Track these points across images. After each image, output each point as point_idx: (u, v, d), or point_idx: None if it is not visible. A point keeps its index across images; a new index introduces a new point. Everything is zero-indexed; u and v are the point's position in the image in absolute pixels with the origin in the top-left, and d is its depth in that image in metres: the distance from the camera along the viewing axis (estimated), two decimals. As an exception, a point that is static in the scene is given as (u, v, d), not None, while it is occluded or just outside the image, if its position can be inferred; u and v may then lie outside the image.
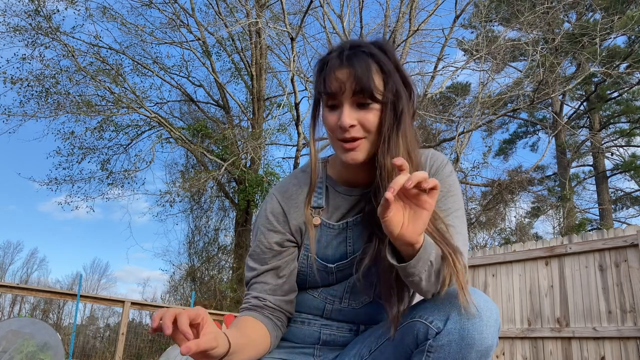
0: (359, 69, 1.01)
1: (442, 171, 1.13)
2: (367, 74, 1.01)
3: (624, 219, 16.71)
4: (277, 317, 1.13)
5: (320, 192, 1.15)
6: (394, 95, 1.03)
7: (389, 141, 1.02)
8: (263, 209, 1.18)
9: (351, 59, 1.02)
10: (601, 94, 15.66)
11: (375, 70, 1.02)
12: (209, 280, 14.80)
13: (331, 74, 1.03)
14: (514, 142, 18.31)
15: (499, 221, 15.79)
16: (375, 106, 1.03)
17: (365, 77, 1.00)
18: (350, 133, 1.02)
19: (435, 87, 12.05)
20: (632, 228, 4.68)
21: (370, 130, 1.02)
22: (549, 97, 11.39)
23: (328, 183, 1.16)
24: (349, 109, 1.02)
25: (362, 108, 1.03)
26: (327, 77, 1.04)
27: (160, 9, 12.98)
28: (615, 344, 4.50)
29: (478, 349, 0.88)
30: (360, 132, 1.02)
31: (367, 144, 1.03)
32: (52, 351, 4.94)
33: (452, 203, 1.08)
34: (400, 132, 1.03)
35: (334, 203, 1.14)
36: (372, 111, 1.02)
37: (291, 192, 1.15)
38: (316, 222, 1.12)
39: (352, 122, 1.01)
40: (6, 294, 18.54)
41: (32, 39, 11.50)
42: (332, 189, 1.15)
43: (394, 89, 1.03)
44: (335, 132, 1.05)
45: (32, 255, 29.51)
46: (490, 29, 12.54)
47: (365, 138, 1.03)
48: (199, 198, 15.14)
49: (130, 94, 12.45)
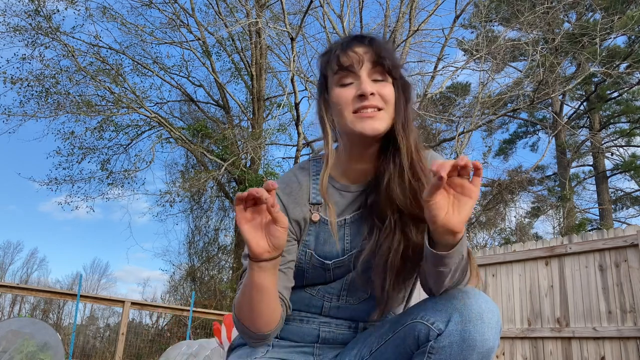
0: (377, 42, 1.07)
1: None
2: (386, 48, 1.06)
3: (624, 219, 16.72)
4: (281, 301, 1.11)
5: (318, 188, 1.14)
6: (401, 81, 1.08)
7: (405, 117, 1.05)
8: None
9: (366, 37, 1.08)
10: (601, 94, 15.66)
11: (389, 51, 1.07)
12: (209, 280, 14.80)
13: (347, 50, 1.07)
14: (514, 142, 18.30)
15: (499, 221, 15.79)
16: (389, 83, 1.06)
17: (385, 49, 1.06)
18: (370, 101, 1.03)
19: (435, 87, 12.06)
20: (632, 228, 4.68)
21: (388, 102, 1.05)
22: (549, 97, 11.39)
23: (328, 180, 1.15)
24: (368, 80, 1.05)
25: (377, 82, 1.06)
26: (342, 53, 1.07)
27: (160, 9, 12.99)
28: (615, 344, 4.50)
29: (479, 351, 0.89)
30: (381, 102, 1.05)
31: (386, 115, 1.05)
32: (52, 351, 4.94)
33: None
34: (410, 118, 1.06)
35: (332, 200, 1.13)
36: (387, 85, 1.06)
37: (291, 188, 1.14)
38: (315, 218, 1.11)
39: (372, 90, 1.04)
40: (6, 294, 18.54)
41: (32, 39, 11.51)
42: (331, 186, 1.14)
43: (401, 78, 1.08)
44: (353, 104, 1.05)
45: (32, 255, 29.50)
46: (490, 29, 12.55)
47: (384, 109, 1.05)
48: (199, 198, 15.14)
49: (130, 94, 12.45)
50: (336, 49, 1.08)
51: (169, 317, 13.88)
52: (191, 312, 8.14)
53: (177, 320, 12.62)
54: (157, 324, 15.09)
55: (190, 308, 8.14)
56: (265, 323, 0.98)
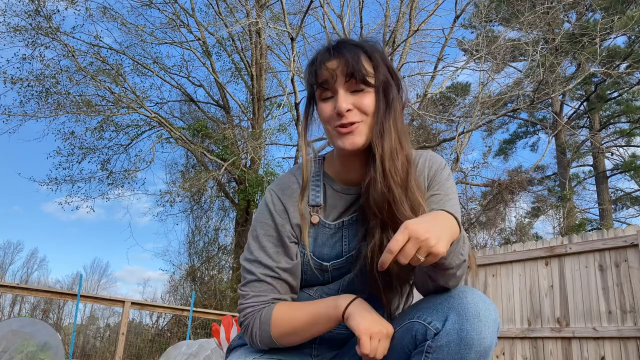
0: (348, 55, 1.05)
1: (440, 175, 1.14)
2: (356, 59, 1.04)
3: (624, 219, 16.71)
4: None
5: (318, 190, 1.14)
6: (384, 82, 1.06)
7: (382, 124, 1.04)
8: (264, 205, 1.16)
9: (340, 49, 1.07)
10: (601, 94, 15.66)
11: (363, 57, 1.06)
12: (209, 280, 14.79)
13: (322, 65, 1.06)
14: (514, 142, 18.30)
15: (499, 221, 15.78)
16: (369, 91, 1.05)
17: (355, 61, 1.04)
18: (347, 118, 1.04)
19: (435, 87, 12.06)
20: (632, 228, 4.68)
21: (366, 113, 1.05)
22: (549, 97, 11.38)
23: (325, 181, 1.15)
24: (344, 95, 1.05)
25: (356, 93, 1.05)
26: (318, 69, 1.07)
27: (161, 9, 12.98)
28: (615, 344, 4.50)
29: (477, 350, 0.88)
30: (357, 116, 1.04)
31: (365, 127, 1.05)
32: (52, 351, 4.94)
33: (450, 207, 1.08)
34: (391, 118, 1.05)
35: (331, 202, 1.13)
36: (366, 95, 1.05)
37: (290, 191, 1.14)
38: (314, 220, 1.11)
39: (348, 106, 1.03)
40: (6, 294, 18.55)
41: (32, 39, 11.50)
42: (330, 187, 1.14)
43: (384, 76, 1.07)
44: (332, 121, 1.06)
45: (32, 255, 29.50)
46: (491, 29, 12.55)
47: (362, 122, 1.05)
48: (199, 198, 15.13)
49: (131, 94, 12.45)
50: (314, 62, 1.09)
51: (169, 317, 13.88)
52: (191, 312, 8.14)
53: (177, 320, 12.63)
54: (157, 324, 15.09)
55: (190, 308, 8.14)
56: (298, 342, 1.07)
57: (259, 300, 1.08)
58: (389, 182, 1.01)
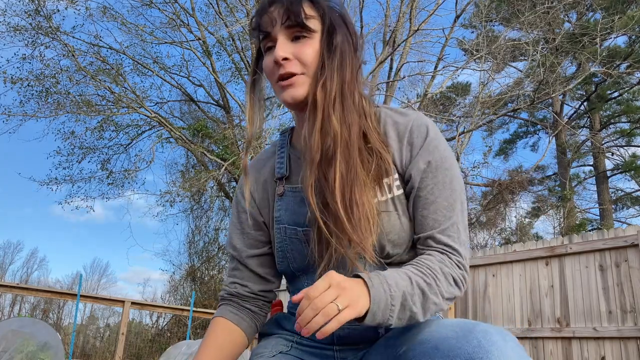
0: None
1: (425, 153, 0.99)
2: (295, 3, 0.97)
3: (625, 219, 16.70)
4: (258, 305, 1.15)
5: (282, 161, 1.11)
6: (328, 27, 0.98)
7: (321, 72, 0.96)
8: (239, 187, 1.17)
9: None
10: (601, 93, 15.65)
11: (305, 2, 0.98)
12: (209, 280, 14.79)
13: (263, 11, 1.00)
14: (514, 142, 18.29)
15: (499, 221, 15.78)
16: (312, 38, 0.98)
17: (293, 5, 0.96)
18: (285, 68, 0.97)
19: (436, 87, 12.05)
20: (632, 228, 4.67)
21: (307, 64, 0.97)
22: (549, 97, 11.38)
23: (290, 151, 1.12)
24: (283, 42, 0.97)
25: (297, 41, 0.98)
26: (260, 17, 1.00)
27: (161, 9, 12.96)
28: (615, 344, 4.49)
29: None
30: (298, 67, 0.97)
31: (307, 80, 0.97)
32: (52, 351, 4.93)
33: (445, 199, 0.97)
34: (335, 67, 0.96)
35: (295, 168, 1.09)
36: (308, 43, 0.98)
37: (261, 164, 1.16)
38: (279, 191, 1.08)
39: (285, 55, 0.96)
40: (6, 293, 18.53)
41: (32, 38, 11.50)
42: (295, 157, 1.10)
43: (328, 21, 0.99)
44: (273, 73, 0.99)
45: (32, 255, 29.50)
46: (491, 29, 12.53)
47: (304, 74, 0.97)
48: (199, 198, 15.14)
49: (131, 93, 12.45)
50: (257, 9, 1.02)
51: (169, 317, 13.88)
52: (191, 312, 8.14)
53: (177, 320, 12.63)
54: (157, 324, 15.10)
55: (190, 308, 8.14)
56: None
57: (225, 284, 1.16)
58: (324, 137, 0.93)
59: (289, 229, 1.05)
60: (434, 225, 0.96)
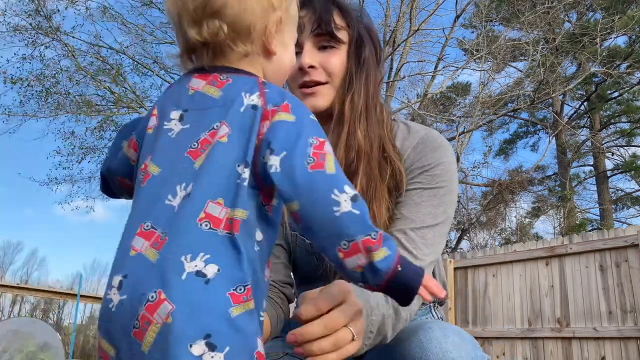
0: (317, 6, 0.96)
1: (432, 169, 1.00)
2: (326, 11, 0.95)
3: (625, 219, 16.68)
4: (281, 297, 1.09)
5: None
6: (356, 39, 0.97)
7: (349, 86, 0.95)
8: None
9: (311, 0, 0.98)
10: (602, 93, 15.65)
11: (336, 12, 0.97)
12: (209, 280, 14.80)
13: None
14: (515, 142, 18.28)
15: (499, 221, 15.78)
16: (340, 49, 0.96)
17: (324, 13, 0.95)
18: (310, 76, 0.95)
19: (436, 87, 12.05)
20: (632, 228, 4.67)
21: (333, 74, 0.96)
22: (550, 97, 11.38)
23: None
24: (310, 50, 0.95)
25: (324, 50, 0.96)
26: None
27: (161, 9, 12.95)
28: (615, 344, 4.49)
29: None
30: (323, 76, 0.96)
31: (331, 90, 0.96)
32: (52, 351, 4.93)
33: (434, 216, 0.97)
34: (362, 81, 0.95)
35: None
36: (335, 54, 0.96)
37: None
38: None
39: (311, 62, 0.94)
40: (6, 294, 18.54)
41: (32, 38, 11.49)
42: None
43: (357, 33, 0.98)
44: (296, 79, 0.97)
45: (33, 255, 29.51)
46: (491, 29, 12.53)
47: (328, 83, 0.96)
48: (199, 198, 15.14)
49: (131, 93, 12.44)
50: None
51: (169, 317, 13.84)
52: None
53: (177, 320, 12.60)
54: (157, 324, 15.07)
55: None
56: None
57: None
58: (348, 151, 0.93)
59: (300, 239, 1.05)
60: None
